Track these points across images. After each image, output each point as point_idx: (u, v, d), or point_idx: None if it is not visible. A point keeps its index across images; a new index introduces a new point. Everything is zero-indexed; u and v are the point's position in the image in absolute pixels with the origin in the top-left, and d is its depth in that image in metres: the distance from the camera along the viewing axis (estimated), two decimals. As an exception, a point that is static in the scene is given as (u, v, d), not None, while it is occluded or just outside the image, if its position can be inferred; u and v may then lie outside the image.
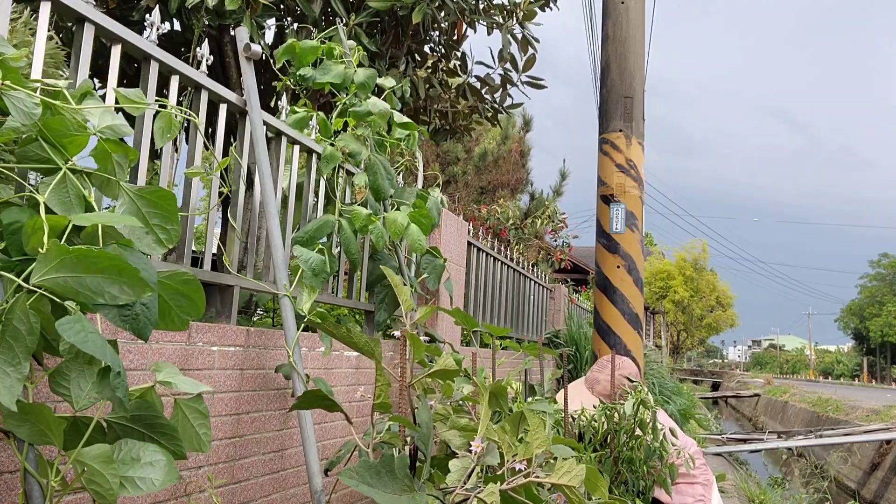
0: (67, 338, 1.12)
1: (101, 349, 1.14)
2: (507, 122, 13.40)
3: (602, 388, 3.09)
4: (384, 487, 1.72)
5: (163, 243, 1.41)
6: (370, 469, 1.74)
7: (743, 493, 5.72)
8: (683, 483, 3.20)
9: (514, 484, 1.87)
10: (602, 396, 3.07)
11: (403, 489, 1.74)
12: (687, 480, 3.18)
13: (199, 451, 1.42)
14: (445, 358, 2.21)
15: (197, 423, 1.41)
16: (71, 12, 1.74)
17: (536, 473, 1.89)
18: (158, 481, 1.23)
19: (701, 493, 3.15)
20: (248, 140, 2.42)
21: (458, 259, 4.28)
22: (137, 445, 1.25)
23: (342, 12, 4.25)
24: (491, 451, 1.97)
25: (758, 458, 11.15)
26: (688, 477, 3.18)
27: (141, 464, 1.23)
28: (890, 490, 11.04)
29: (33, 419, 1.17)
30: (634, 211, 5.83)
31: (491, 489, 1.80)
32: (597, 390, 3.11)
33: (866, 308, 60.32)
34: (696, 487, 3.12)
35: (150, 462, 1.24)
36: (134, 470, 1.22)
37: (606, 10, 6.29)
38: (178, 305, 1.40)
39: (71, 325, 1.13)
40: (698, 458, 3.25)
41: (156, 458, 1.24)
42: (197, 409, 1.41)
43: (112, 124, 1.41)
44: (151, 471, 1.23)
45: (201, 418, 1.42)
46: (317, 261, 2.39)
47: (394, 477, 1.76)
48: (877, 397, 20.81)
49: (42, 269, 1.15)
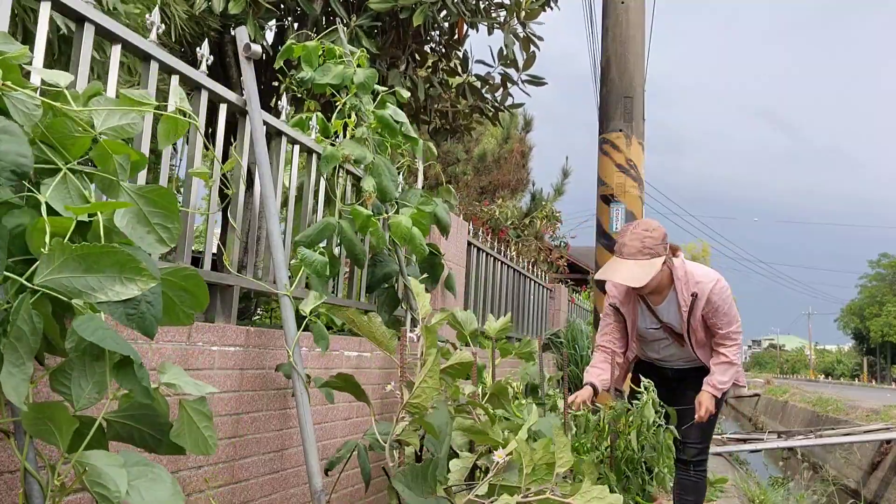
0: (86, 336, 1.14)
1: (121, 344, 1.18)
2: (510, 123, 13.40)
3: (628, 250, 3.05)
4: (417, 491, 1.84)
5: (164, 242, 1.41)
6: (413, 472, 1.89)
7: (743, 494, 5.72)
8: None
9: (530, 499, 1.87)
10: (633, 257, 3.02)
11: (429, 493, 1.82)
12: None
13: (206, 453, 1.42)
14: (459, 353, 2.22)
15: (202, 424, 1.41)
16: (71, 12, 1.75)
17: (554, 491, 1.87)
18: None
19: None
20: (248, 140, 2.43)
21: (458, 259, 4.28)
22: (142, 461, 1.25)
23: (342, 13, 4.26)
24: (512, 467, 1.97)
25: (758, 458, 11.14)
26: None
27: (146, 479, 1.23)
28: (890, 490, 11.05)
29: (44, 417, 1.18)
30: (634, 211, 5.83)
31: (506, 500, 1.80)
32: (625, 253, 3.06)
33: (866, 308, 60.34)
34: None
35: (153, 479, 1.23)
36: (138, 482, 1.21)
37: (606, 10, 6.29)
38: (182, 301, 1.40)
39: (87, 324, 1.15)
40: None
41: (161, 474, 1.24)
42: (201, 411, 1.41)
43: (116, 125, 1.41)
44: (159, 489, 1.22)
45: (206, 420, 1.42)
46: (320, 262, 2.40)
47: (425, 481, 1.84)
48: (877, 397, 20.82)
49: (46, 269, 1.15)
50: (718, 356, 3.21)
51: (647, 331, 3.32)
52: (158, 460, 1.82)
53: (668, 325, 3.27)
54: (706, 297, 3.10)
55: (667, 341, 3.33)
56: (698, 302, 3.11)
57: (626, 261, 3.00)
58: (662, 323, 3.27)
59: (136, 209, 1.39)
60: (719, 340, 3.20)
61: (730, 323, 3.17)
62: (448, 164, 12.66)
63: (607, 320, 3.36)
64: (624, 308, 3.27)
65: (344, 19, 4.22)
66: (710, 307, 3.12)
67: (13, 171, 1.12)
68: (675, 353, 3.36)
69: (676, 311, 3.18)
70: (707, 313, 3.14)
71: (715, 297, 3.11)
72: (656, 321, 3.28)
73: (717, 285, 3.13)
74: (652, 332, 3.32)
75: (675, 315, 3.21)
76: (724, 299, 3.15)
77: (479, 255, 5.03)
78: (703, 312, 3.13)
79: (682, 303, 3.13)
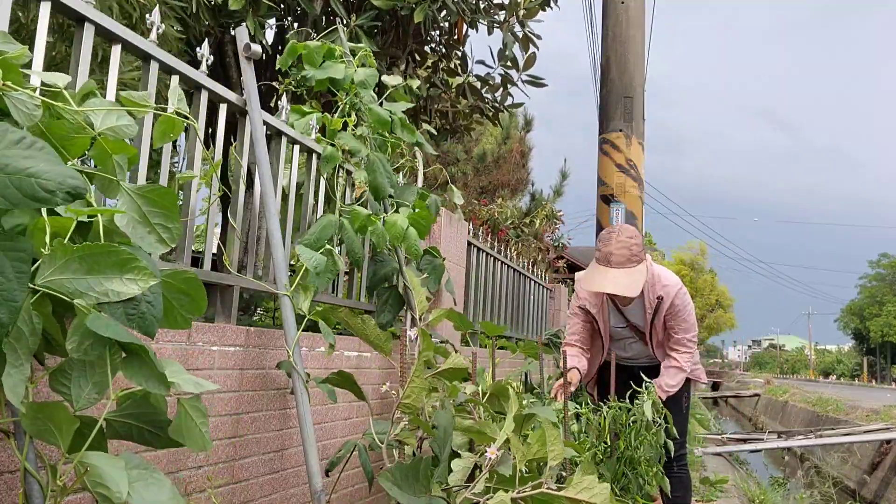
0: (100, 332, 1.15)
1: (133, 338, 1.20)
2: (509, 123, 13.40)
3: (617, 259, 3.07)
4: (408, 489, 1.80)
5: (165, 242, 1.41)
6: (402, 470, 1.87)
7: (743, 494, 5.72)
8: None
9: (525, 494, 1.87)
10: (621, 266, 3.04)
11: (421, 492, 1.82)
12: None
13: (203, 450, 1.42)
14: (454, 357, 2.22)
15: (199, 421, 1.41)
16: (71, 12, 1.75)
17: (549, 484, 1.88)
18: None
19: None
20: (248, 140, 2.43)
21: (457, 259, 4.28)
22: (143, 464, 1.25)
23: (342, 12, 4.26)
24: (505, 460, 1.98)
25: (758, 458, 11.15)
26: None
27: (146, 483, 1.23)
28: (890, 490, 11.05)
29: (44, 417, 1.18)
30: (634, 211, 5.84)
31: (501, 497, 1.81)
32: (613, 262, 3.07)
33: (866, 308, 60.36)
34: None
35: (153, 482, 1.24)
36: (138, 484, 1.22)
37: (606, 10, 6.29)
38: (181, 304, 1.40)
39: (98, 321, 1.16)
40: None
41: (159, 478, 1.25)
42: (198, 408, 1.41)
43: (114, 125, 1.41)
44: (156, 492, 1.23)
45: (202, 417, 1.42)
46: (320, 261, 2.40)
47: (416, 480, 1.83)
48: (877, 397, 20.82)
49: (47, 269, 1.15)
50: (670, 360, 3.31)
51: (615, 329, 3.43)
52: (158, 459, 1.82)
53: (633, 325, 3.38)
54: (671, 301, 3.22)
55: (633, 339, 3.44)
56: (663, 304, 3.22)
57: (615, 270, 3.06)
58: (629, 322, 3.38)
59: (137, 209, 1.39)
60: (673, 345, 3.31)
61: (687, 330, 3.29)
62: (448, 163, 12.66)
63: (575, 321, 3.45)
64: (594, 310, 3.37)
65: (344, 19, 4.22)
66: (672, 310, 3.23)
67: (69, 193, 1.10)
68: (640, 350, 3.47)
69: (642, 312, 3.29)
70: (668, 316, 3.25)
71: (678, 301, 3.23)
72: (623, 320, 3.39)
73: (681, 291, 3.26)
74: (619, 330, 3.43)
75: (640, 315, 3.32)
76: (686, 305, 3.27)
77: (479, 254, 5.03)
78: (665, 315, 3.24)
79: (647, 304, 3.25)
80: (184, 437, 1.39)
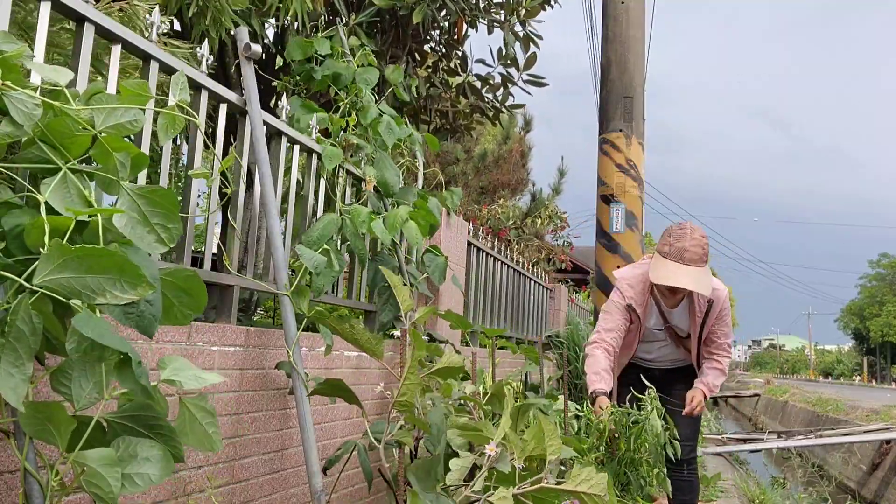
0: (86, 333, 1.13)
1: (119, 342, 1.17)
2: (509, 123, 13.40)
3: (690, 256, 3.03)
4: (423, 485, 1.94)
5: (164, 242, 1.41)
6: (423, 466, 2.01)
7: (743, 494, 5.72)
8: None
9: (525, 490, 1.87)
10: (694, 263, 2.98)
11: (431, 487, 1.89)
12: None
13: (211, 450, 1.41)
14: (449, 356, 2.22)
15: (205, 421, 1.41)
16: (71, 12, 1.74)
17: (548, 479, 1.89)
18: (156, 476, 1.24)
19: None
20: (248, 140, 2.42)
21: (458, 259, 4.28)
22: (134, 442, 1.25)
23: (343, 11, 4.26)
24: (504, 457, 1.98)
25: (758, 458, 11.14)
26: None
27: (138, 460, 1.24)
28: (890, 490, 11.04)
29: (42, 417, 1.18)
30: (634, 211, 5.84)
31: (502, 493, 1.81)
32: (686, 258, 3.04)
33: (866, 308, 60.37)
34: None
35: (146, 457, 1.25)
36: (131, 467, 1.23)
37: (606, 10, 6.29)
38: (181, 301, 1.40)
39: (86, 322, 1.15)
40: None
41: (152, 454, 1.25)
42: (203, 408, 1.41)
43: (116, 123, 1.40)
44: (149, 466, 1.24)
45: (209, 416, 1.42)
46: (320, 261, 2.40)
47: (428, 476, 1.90)
48: (877, 397, 20.82)
49: (45, 269, 1.15)
50: (714, 362, 3.28)
51: (650, 331, 3.32)
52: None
53: (671, 327, 3.29)
54: (721, 305, 3.19)
55: (664, 342, 3.36)
56: (714, 308, 3.18)
57: (690, 267, 2.97)
58: (668, 325, 3.28)
59: (136, 209, 1.39)
60: (715, 350, 3.28)
61: (727, 335, 3.28)
62: (448, 163, 12.66)
63: (614, 317, 3.25)
64: (640, 308, 3.23)
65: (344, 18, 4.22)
66: (720, 315, 3.21)
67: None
68: (667, 353, 3.39)
69: (688, 315, 3.21)
70: (716, 320, 3.21)
71: (726, 305, 3.21)
72: (662, 322, 3.29)
73: (727, 296, 3.23)
74: (654, 332, 3.32)
75: (685, 319, 3.24)
76: (728, 310, 3.27)
77: (479, 255, 5.03)
78: (713, 319, 3.20)
79: (697, 308, 3.17)
80: (189, 438, 1.39)
